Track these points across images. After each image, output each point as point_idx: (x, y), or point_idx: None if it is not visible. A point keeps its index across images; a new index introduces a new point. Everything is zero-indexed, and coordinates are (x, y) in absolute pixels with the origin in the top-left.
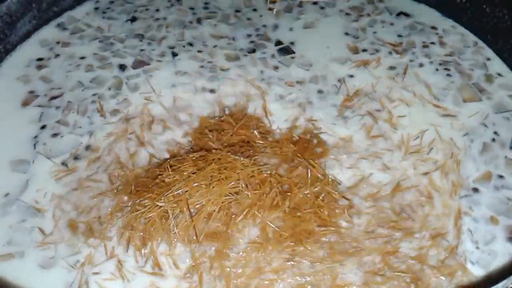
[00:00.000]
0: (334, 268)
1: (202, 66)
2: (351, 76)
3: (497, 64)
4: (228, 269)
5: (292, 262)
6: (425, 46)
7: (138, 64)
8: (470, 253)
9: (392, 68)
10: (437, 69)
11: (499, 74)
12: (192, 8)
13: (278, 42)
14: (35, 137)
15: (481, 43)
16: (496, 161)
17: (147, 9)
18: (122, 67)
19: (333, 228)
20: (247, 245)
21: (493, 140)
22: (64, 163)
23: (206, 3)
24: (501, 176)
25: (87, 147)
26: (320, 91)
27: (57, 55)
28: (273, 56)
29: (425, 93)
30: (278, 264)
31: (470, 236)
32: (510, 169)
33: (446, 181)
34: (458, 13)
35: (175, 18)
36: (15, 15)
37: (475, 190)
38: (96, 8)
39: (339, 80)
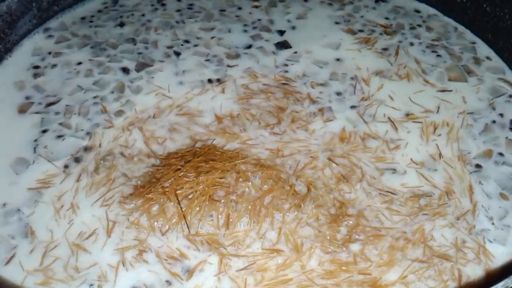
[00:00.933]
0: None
1: (207, 60)
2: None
3: (484, 48)
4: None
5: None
6: (412, 28)
7: (141, 66)
8: (487, 231)
9: (384, 49)
10: (423, 51)
11: (488, 58)
12: (178, 10)
13: (280, 32)
14: (35, 140)
15: (461, 28)
16: (496, 141)
17: (132, 14)
18: (125, 70)
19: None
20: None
21: (493, 121)
22: (66, 166)
23: (190, 5)
24: (501, 154)
25: (87, 149)
26: (338, 93)
27: (54, 66)
28: (274, 53)
29: (417, 70)
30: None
31: (485, 212)
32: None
33: (452, 154)
34: (458, 13)
35: (160, 20)
36: (15, 14)
37: (478, 166)
38: (83, 18)
39: (352, 78)
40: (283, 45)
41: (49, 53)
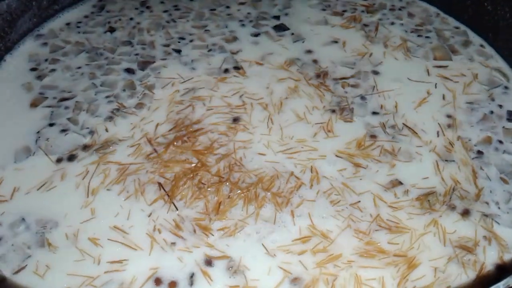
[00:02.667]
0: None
1: (210, 50)
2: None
3: (476, 37)
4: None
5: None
6: (392, 9)
7: (143, 64)
8: (496, 216)
9: (364, 25)
10: (404, 31)
11: (481, 46)
12: (165, 11)
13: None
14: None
15: (443, 14)
16: (494, 130)
17: (120, 19)
18: (129, 71)
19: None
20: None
21: (491, 112)
22: (59, 159)
23: (175, 6)
24: (500, 141)
25: (87, 146)
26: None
27: (52, 70)
28: (284, 44)
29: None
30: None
31: (490, 197)
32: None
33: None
34: (459, 11)
35: (150, 21)
36: (15, 13)
37: (480, 152)
38: (68, 24)
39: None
40: (281, 28)
41: (46, 60)
